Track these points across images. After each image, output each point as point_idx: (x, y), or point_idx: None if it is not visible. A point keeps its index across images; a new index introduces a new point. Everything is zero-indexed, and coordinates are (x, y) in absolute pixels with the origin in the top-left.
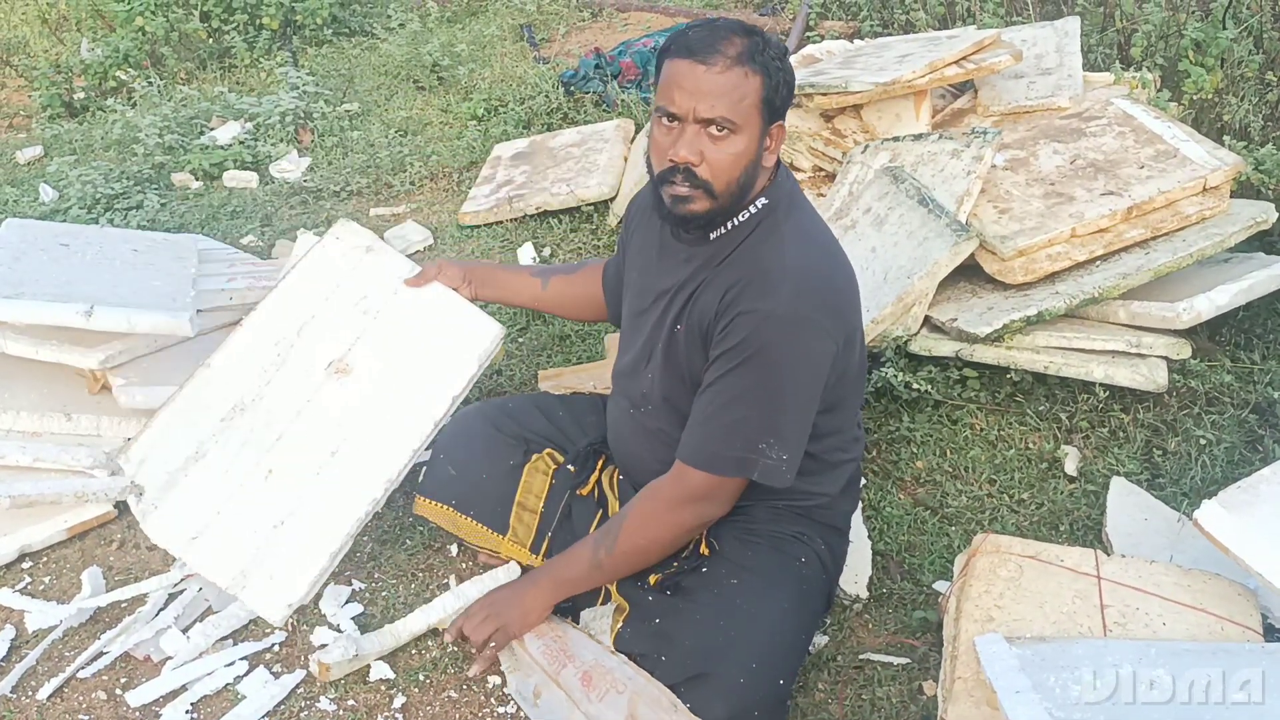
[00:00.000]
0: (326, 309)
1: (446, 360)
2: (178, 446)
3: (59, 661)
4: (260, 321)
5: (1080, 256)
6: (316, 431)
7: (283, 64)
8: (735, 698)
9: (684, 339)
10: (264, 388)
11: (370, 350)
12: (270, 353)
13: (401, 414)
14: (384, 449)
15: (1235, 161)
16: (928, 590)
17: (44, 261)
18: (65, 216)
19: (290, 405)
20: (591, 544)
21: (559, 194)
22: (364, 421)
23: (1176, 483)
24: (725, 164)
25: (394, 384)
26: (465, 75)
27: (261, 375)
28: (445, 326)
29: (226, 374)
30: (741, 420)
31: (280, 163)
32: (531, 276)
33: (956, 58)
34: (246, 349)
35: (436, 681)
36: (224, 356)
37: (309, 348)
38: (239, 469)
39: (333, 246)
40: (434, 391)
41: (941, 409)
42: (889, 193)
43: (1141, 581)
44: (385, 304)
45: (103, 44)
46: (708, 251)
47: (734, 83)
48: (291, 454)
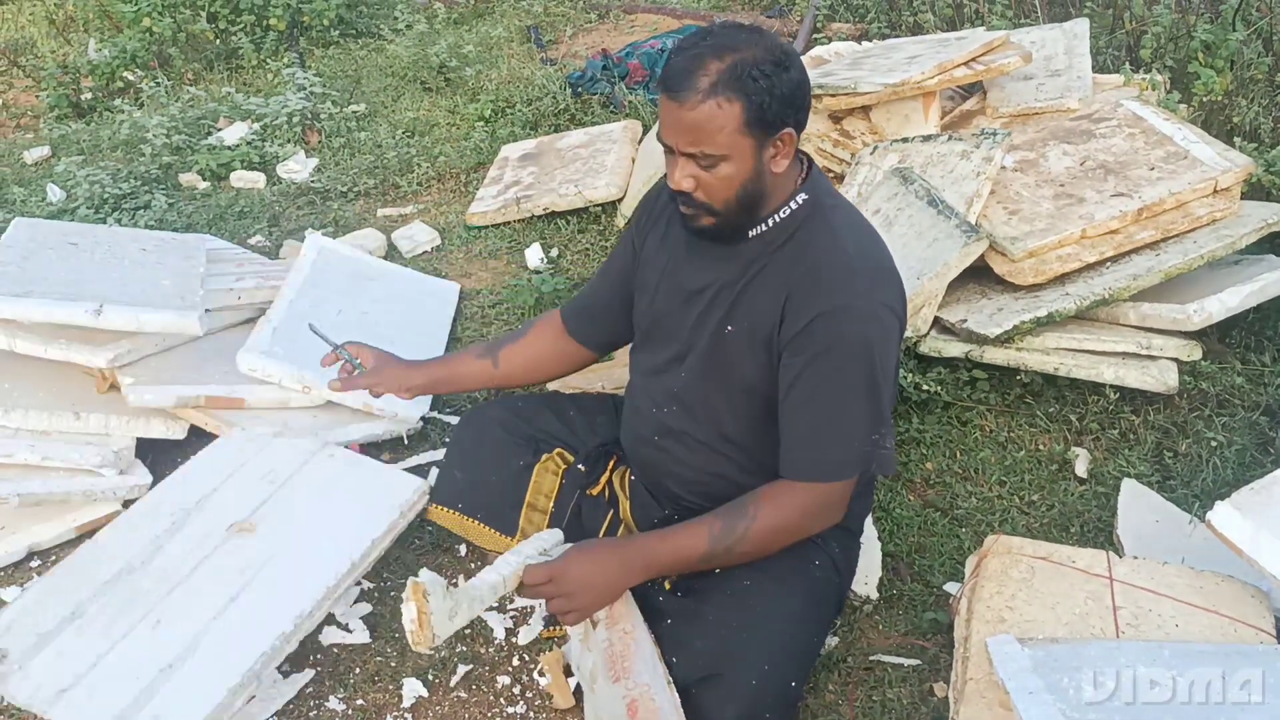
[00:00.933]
0: (229, 483)
1: (363, 511)
2: (52, 609)
3: None
4: (153, 499)
5: (1090, 258)
6: (215, 582)
7: (290, 65)
8: (746, 699)
9: (735, 341)
10: (155, 552)
11: (277, 510)
12: (165, 522)
13: (313, 558)
14: (294, 589)
15: (1246, 163)
16: (938, 591)
17: (52, 260)
18: (73, 216)
19: (185, 563)
20: (707, 536)
21: (566, 195)
22: (270, 569)
23: (1187, 485)
24: (719, 187)
25: (304, 535)
26: (472, 76)
27: (153, 542)
28: (361, 485)
29: (114, 544)
30: (853, 421)
31: (287, 163)
32: (478, 359)
33: (965, 59)
34: (138, 519)
35: (445, 681)
36: (111, 531)
37: (208, 516)
38: (122, 622)
39: (237, 434)
40: (350, 535)
41: (951, 410)
42: (898, 194)
43: (1154, 583)
44: (294, 473)
45: (110, 45)
46: (750, 250)
47: (708, 116)
48: (185, 604)
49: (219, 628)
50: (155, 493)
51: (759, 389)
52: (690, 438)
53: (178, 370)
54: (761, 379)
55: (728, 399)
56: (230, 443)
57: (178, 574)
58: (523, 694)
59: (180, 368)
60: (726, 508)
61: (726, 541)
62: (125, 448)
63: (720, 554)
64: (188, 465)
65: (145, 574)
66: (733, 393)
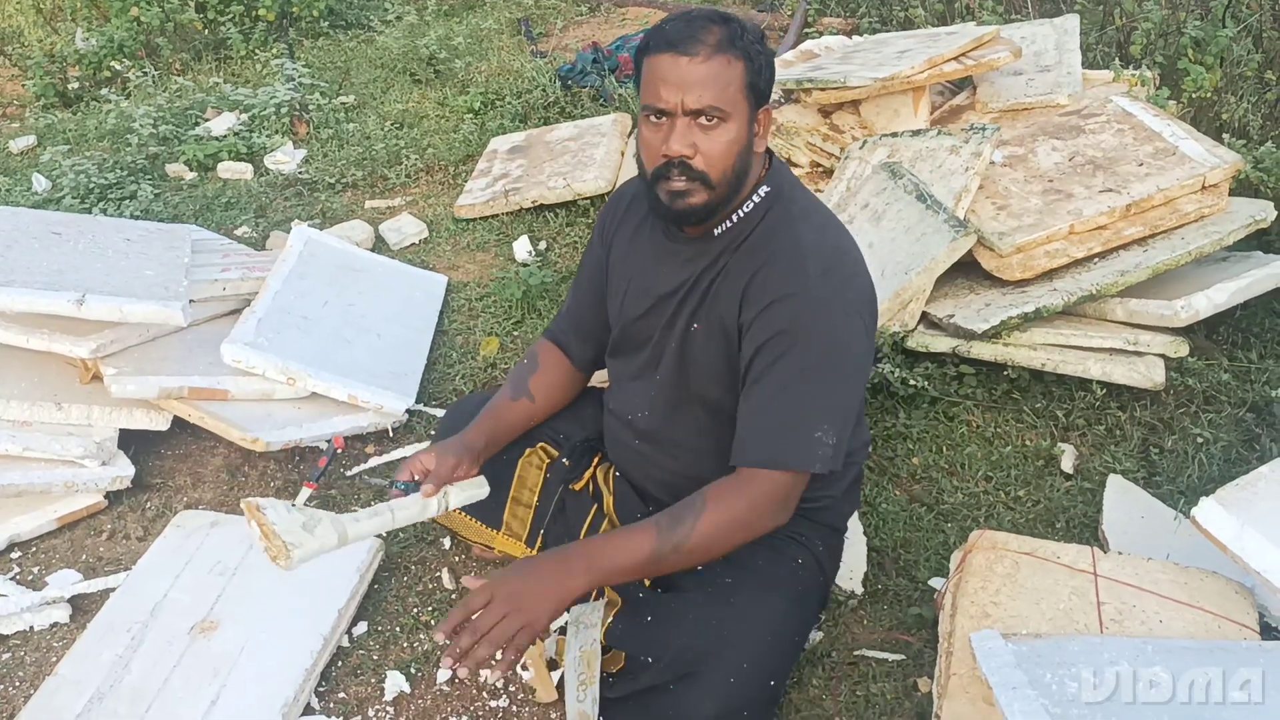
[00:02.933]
0: (179, 585)
1: (321, 583)
2: None
3: (46, 653)
4: (104, 619)
5: (1078, 254)
6: (190, 690)
7: (279, 56)
8: (724, 697)
9: (702, 337)
10: (122, 673)
11: (234, 602)
12: (123, 639)
13: (284, 642)
14: (272, 679)
15: (1234, 160)
16: (923, 587)
17: (36, 250)
18: (58, 206)
19: (155, 677)
20: (653, 535)
21: (555, 187)
22: (244, 664)
23: (1173, 481)
24: (719, 153)
25: (268, 621)
26: (462, 69)
27: (117, 662)
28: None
29: (76, 674)
30: (801, 410)
31: (275, 154)
32: (514, 402)
33: (955, 54)
34: (94, 643)
35: (428, 674)
36: (70, 662)
37: (165, 622)
38: None
39: (173, 535)
40: (315, 610)
41: (938, 405)
42: (887, 188)
43: (1138, 579)
44: (241, 559)
45: (97, 34)
46: (715, 247)
47: (718, 70)
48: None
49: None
50: (104, 614)
51: (726, 384)
52: (668, 441)
53: (161, 361)
54: (727, 373)
55: (701, 400)
56: (167, 542)
57: (150, 689)
58: (505, 687)
59: (164, 359)
60: (676, 505)
61: (673, 539)
62: (108, 439)
63: (668, 553)
64: (131, 577)
65: (117, 699)
66: (704, 393)
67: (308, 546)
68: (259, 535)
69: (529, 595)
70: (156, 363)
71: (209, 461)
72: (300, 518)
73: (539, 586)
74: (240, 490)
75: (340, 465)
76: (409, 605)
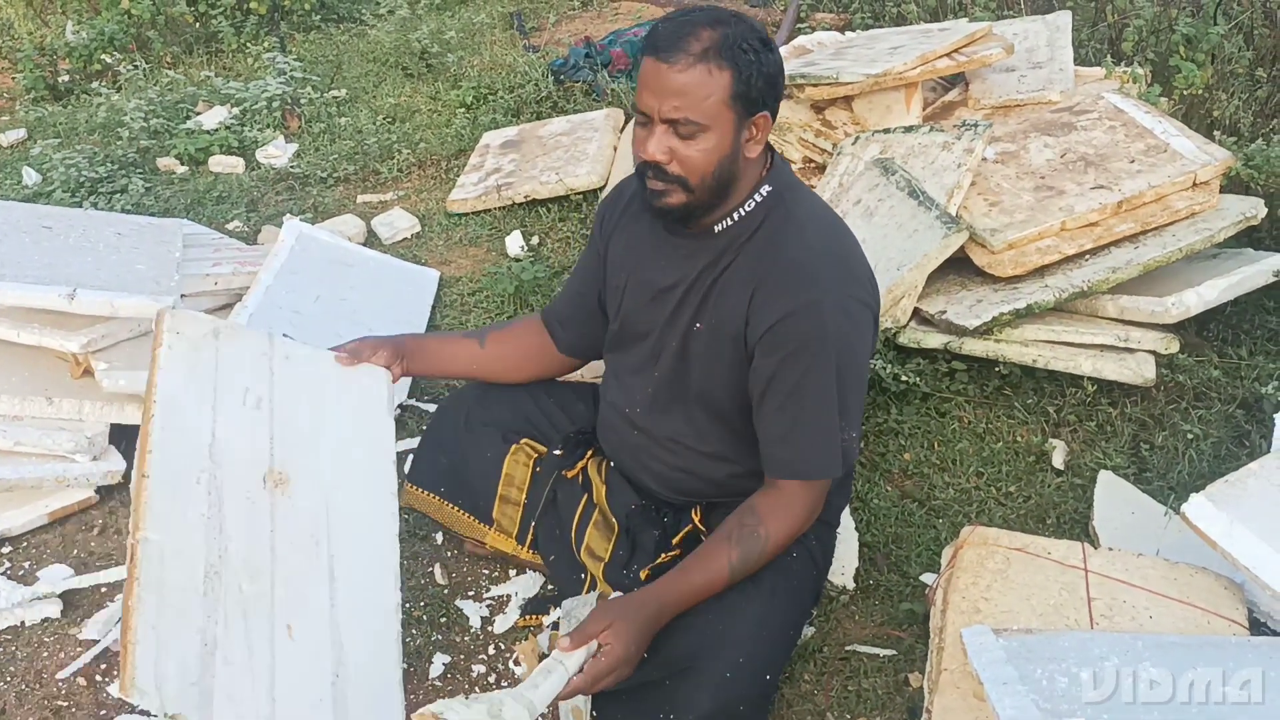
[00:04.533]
0: (220, 422)
1: (361, 426)
2: (183, 650)
3: (37, 648)
4: (163, 461)
5: (1070, 250)
6: (301, 562)
7: (270, 49)
8: (721, 692)
9: (706, 336)
10: (220, 538)
11: (288, 449)
12: (201, 496)
13: (359, 502)
14: (371, 544)
15: (1225, 157)
16: (914, 582)
17: (25, 244)
18: (48, 200)
19: (259, 547)
20: (727, 570)
21: (548, 182)
22: (334, 529)
23: (1163, 477)
24: (696, 161)
25: (332, 475)
26: (454, 63)
27: (208, 525)
28: (336, 387)
29: (173, 538)
30: (831, 417)
31: (267, 148)
32: (466, 339)
33: (948, 50)
34: (172, 499)
35: (422, 670)
36: (153, 519)
37: (232, 473)
38: (261, 644)
39: (180, 348)
40: (374, 464)
41: (930, 401)
42: (879, 184)
43: (1128, 575)
44: (269, 391)
45: (88, 27)
46: (717, 245)
47: (697, 81)
48: (295, 600)
49: (341, 617)
50: (159, 459)
51: (728, 385)
52: (664, 435)
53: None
54: (729, 375)
55: (699, 396)
56: (177, 358)
57: (261, 561)
58: (498, 682)
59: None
60: (730, 534)
61: (744, 568)
62: (99, 433)
63: (739, 578)
64: (161, 408)
65: (231, 572)
66: (703, 390)
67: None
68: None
69: (636, 656)
70: (148, 357)
71: None
72: (483, 707)
73: (638, 644)
74: None
75: None
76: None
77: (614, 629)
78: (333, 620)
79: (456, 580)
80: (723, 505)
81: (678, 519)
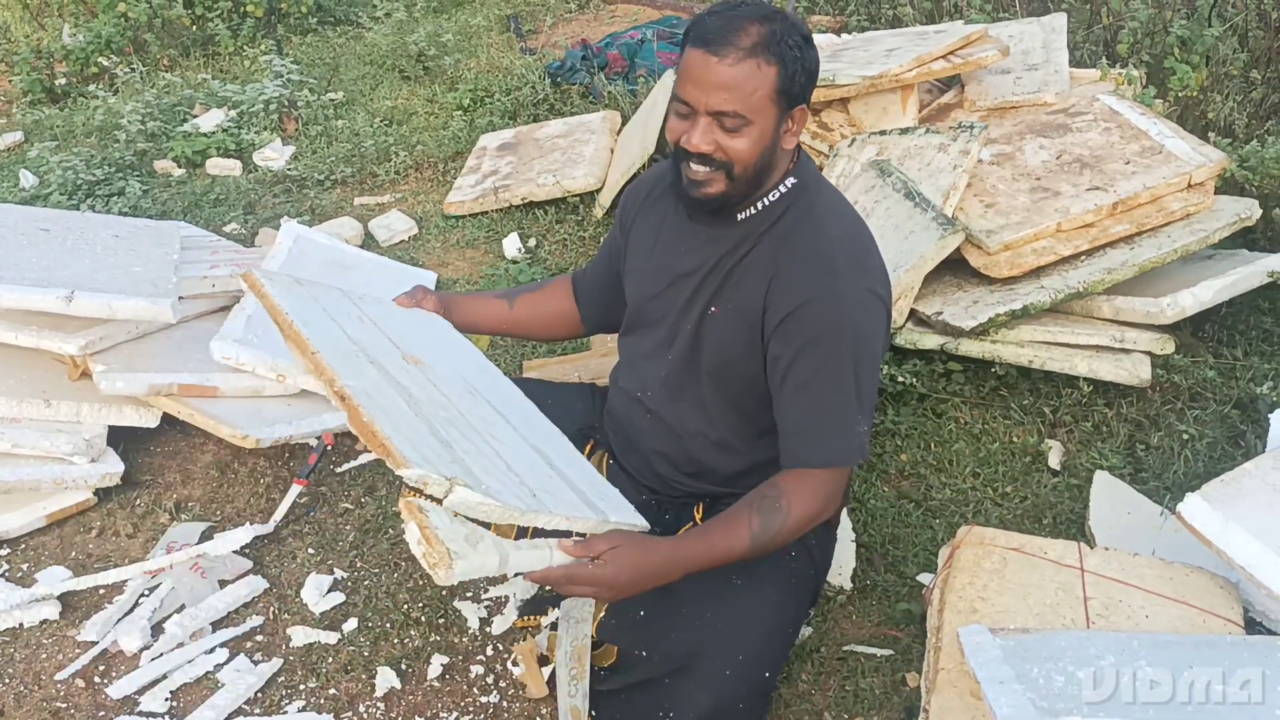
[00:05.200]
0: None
1: (443, 338)
2: (428, 443)
3: (35, 650)
4: (324, 342)
5: (1065, 251)
6: (470, 405)
7: (267, 52)
8: (720, 690)
9: (722, 320)
10: (400, 387)
11: (405, 345)
12: (365, 363)
13: (482, 375)
14: (512, 395)
15: (1220, 158)
16: (911, 582)
17: (23, 246)
18: (46, 203)
19: (433, 393)
20: (748, 534)
21: (545, 185)
22: (478, 386)
23: (1159, 477)
24: (741, 152)
25: (451, 360)
26: (451, 65)
27: (386, 377)
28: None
29: (365, 384)
30: (849, 405)
31: (264, 151)
32: (497, 299)
33: (944, 52)
34: (346, 362)
35: (419, 670)
36: (344, 374)
37: (379, 353)
38: (483, 445)
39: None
40: (471, 353)
41: (926, 402)
42: (875, 186)
43: (1124, 574)
44: (367, 313)
45: (85, 30)
46: (737, 233)
47: (746, 75)
48: (486, 423)
49: (527, 435)
50: (319, 340)
51: (740, 372)
52: (675, 421)
53: (150, 358)
54: (743, 362)
55: (712, 381)
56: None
57: (441, 400)
58: (496, 683)
59: (153, 355)
60: (753, 503)
61: (765, 538)
62: (97, 435)
63: (758, 550)
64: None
65: (427, 403)
66: (716, 374)
67: (470, 561)
68: (418, 538)
69: (629, 571)
70: (146, 359)
71: (199, 458)
72: (463, 529)
73: (642, 571)
74: (230, 487)
75: (330, 462)
76: (399, 601)
77: (617, 551)
78: (523, 437)
79: None
80: (725, 501)
81: (679, 516)
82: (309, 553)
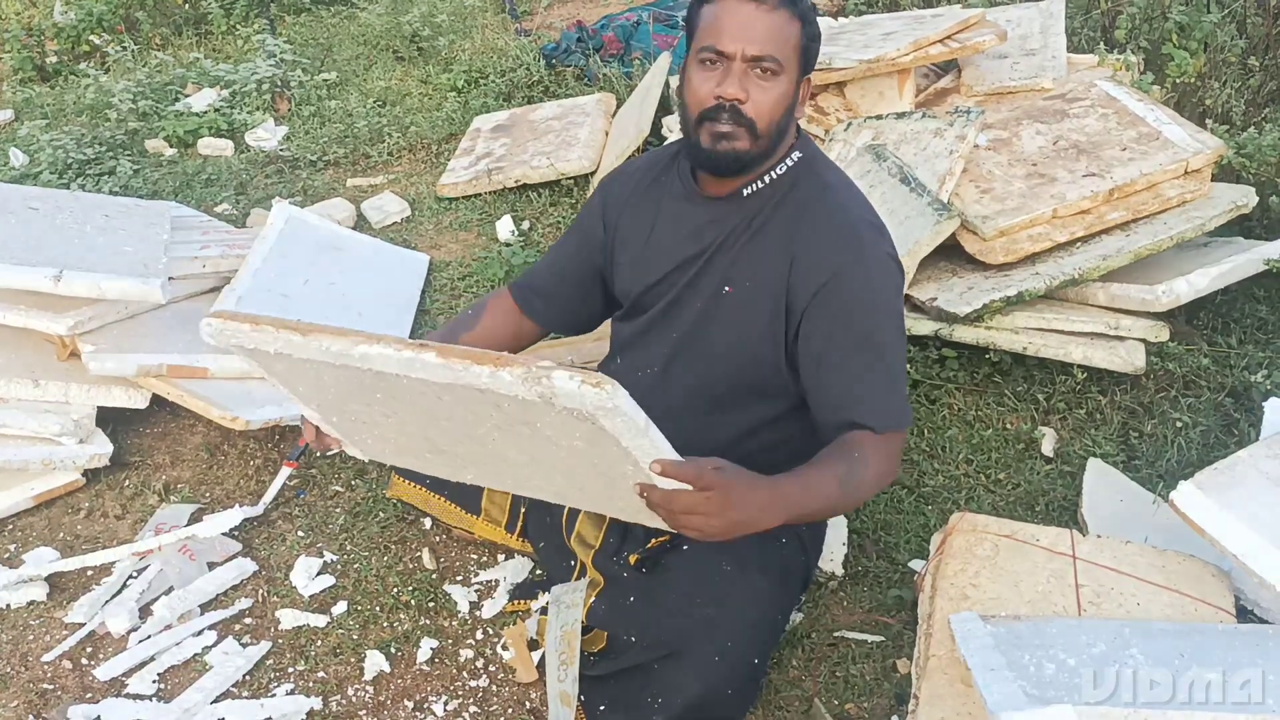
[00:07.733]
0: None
1: None
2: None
3: (23, 631)
4: None
5: (1061, 238)
6: None
7: (260, 31)
8: (710, 676)
9: (738, 298)
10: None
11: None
12: None
13: None
14: None
15: (1217, 145)
16: (903, 568)
17: (12, 225)
18: (36, 181)
19: None
20: (836, 481)
21: (539, 167)
22: None
23: (1152, 465)
24: (769, 104)
25: None
26: (445, 46)
27: None
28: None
29: None
30: (897, 366)
31: (256, 131)
32: None
33: (941, 36)
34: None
35: (407, 654)
36: None
37: None
38: None
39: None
40: None
41: (920, 388)
42: (871, 171)
43: (1116, 562)
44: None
45: (76, 7)
46: (747, 208)
47: (781, 23)
48: None
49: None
50: None
51: (757, 348)
52: (676, 400)
53: (140, 338)
54: (762, 340)
55: (724, 361)
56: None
57: None
58: (485, 667)
59: (142, 336)
60: (833, 452)
61: (850, 487)
62: (85, 416)
63: (841, 503)
64: None
65: None
66: (728, 356)
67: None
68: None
69: (741, 506)
70: (135, 340)
71: (188, 440)
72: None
73: (752, 508)
74: (220, 469)
75: None
76: (389, 585)
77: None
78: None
79: (444, 565)
80: None
81: None
82: (298, 535)
